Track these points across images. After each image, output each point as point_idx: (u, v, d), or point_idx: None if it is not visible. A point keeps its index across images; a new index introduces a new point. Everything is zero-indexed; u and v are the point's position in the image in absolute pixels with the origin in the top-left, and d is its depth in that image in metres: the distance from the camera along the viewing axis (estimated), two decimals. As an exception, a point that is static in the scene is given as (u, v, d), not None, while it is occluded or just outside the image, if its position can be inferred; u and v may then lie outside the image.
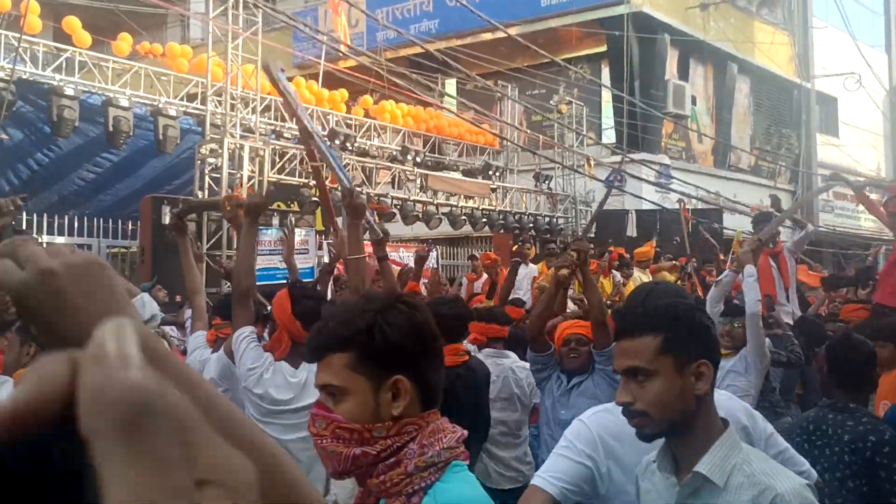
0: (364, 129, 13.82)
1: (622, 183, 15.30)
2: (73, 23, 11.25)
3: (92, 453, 0.25)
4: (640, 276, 9.75)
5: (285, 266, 5.85)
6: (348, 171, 12.48)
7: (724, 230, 15.53)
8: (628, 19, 17.40)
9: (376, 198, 11.90)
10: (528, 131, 16.77)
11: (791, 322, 6.11)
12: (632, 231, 14.47)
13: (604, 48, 18.72)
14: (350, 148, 12.64)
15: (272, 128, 12.06)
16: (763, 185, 22.02)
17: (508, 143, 16.27)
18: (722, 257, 13.17)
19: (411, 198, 13.02)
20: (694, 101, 19.54)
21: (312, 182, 11.52)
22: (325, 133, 12.42)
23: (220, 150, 10.13)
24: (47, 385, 0.27)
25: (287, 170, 11.36)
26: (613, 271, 8.86)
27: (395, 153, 13.84)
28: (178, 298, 7.80)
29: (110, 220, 11.15)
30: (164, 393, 0.27)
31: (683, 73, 19.53)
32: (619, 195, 15.71)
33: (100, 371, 0.26)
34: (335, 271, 9.15)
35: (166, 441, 0.25)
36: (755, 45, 21.13)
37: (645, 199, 15.33)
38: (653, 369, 1.66)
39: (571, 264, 3.67)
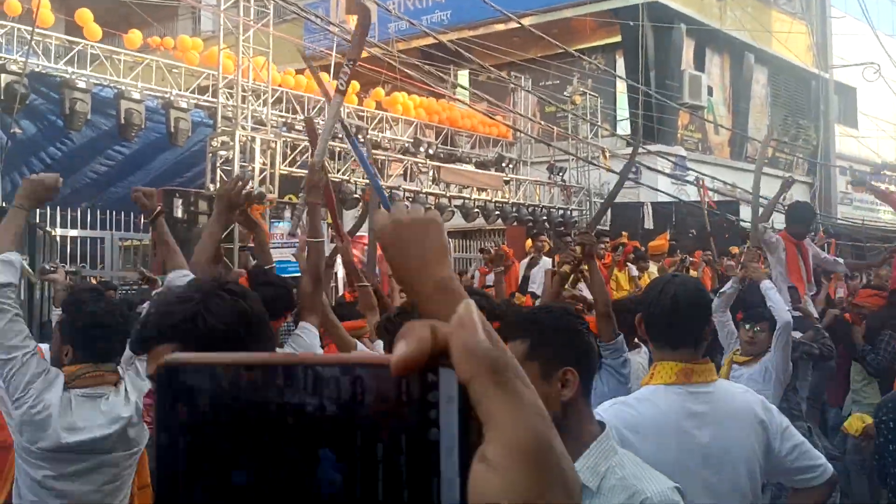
0: (376, 121, 13.73)
1: (637, 174, 15.13)
2: (85, 15, 11.23)
3: (471, 391, 0.37)
4: (655, 270, 9.63)
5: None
6: (357, 163, 12.41)
7: (741, 222, 15.33)
8: (643, 9, 17.20)
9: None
10: (542, 123, 16.62)
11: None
12: (648, 223, 14.30)
13: (618, 38, 18.51)
14: (362, 140, 12.55)
15: (283, 120, 12.00)
16: (780, 177, 21.72)
17: (522, 135, 16.14)
18: (736, 251, 13.01)
19: (423, 190, 12.93)
20: (710, 92, 19.31)
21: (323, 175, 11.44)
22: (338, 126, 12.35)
23: (231, 143, 10.08)
24: (422, 342, 0.38)
25: (298, 162, 11.29)
26: (629, 264, 8.73)
27: (407, 145, 13.75)
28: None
29: (122, 213, 11.13)
30: (505, 351, 0.40)
31: (700, 64, 19.29)
32: (635, 187, 15.53)
33: (468, 335, 0.38)
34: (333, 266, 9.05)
35: (521, 382, 0.38)
36: (772, 35, 20.83)
37: (661, 192, 15.15)
38: None
39: (573, 259, 3.61)
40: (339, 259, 4.66)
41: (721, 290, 4.94)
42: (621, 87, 18.29)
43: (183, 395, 0.38)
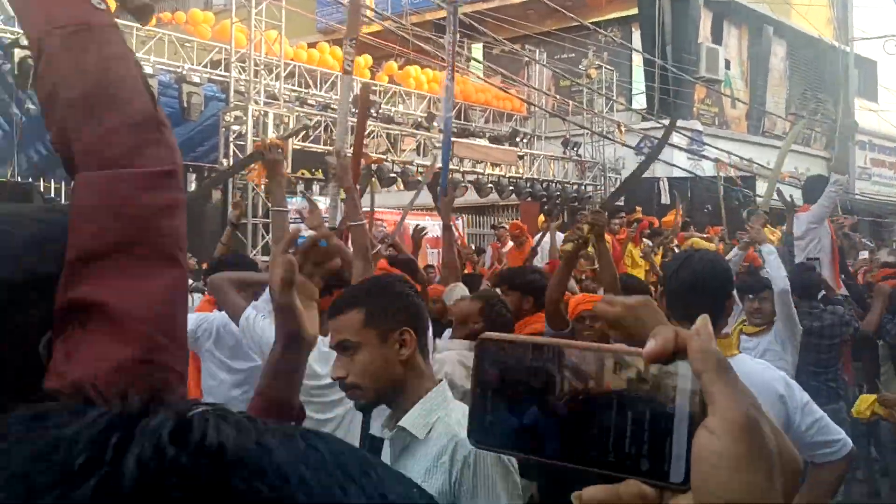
0: (389, 96, 13.63)
1: (652, 149, 14.97)
2: (96, -11, 11.18)
3: (702, 380, 0.48)
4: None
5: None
6: (373, 137, 12.35)
7: (758, 197, 15.18)
8: (661, -20, 16.92)
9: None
10: (557, 97, 16.46)
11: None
12: (665, 199, 14.18)
13: (635, 11, 18.23)
14: (375, 115, 12.48)
15: (296, 94, 11.93)
16: (798, 152, 21.47)
17: (536, 109, 16.00)
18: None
19: (437, 165, 12.85)
20: (728, 66, 19.02)
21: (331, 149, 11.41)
22: (350, 100, 12.27)
23: (244, 118, 10.05)
24: (668, 342, 0.50)
25: (311, 137, 11.26)
26: (644, 240, 8.67)
27: (420, 120, 13.65)
28: (204, 266, 7.79)
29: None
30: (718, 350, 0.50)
31: (717, 37, 18.99)
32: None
33: (704, 341, 0.49)
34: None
35: (735, 376, 0.48)
36: (792, 7, 20.44)
37: (676, 167, 15.00)
38: (357, 342, 1.78)
39: (578, 238, 3.55)
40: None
41: (727, 258, 4.90)
42: (637, 60, 18.04)
43: (493, 363, 0.55)
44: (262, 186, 9.79)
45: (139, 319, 0.78)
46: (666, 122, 15.91)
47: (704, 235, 10.15)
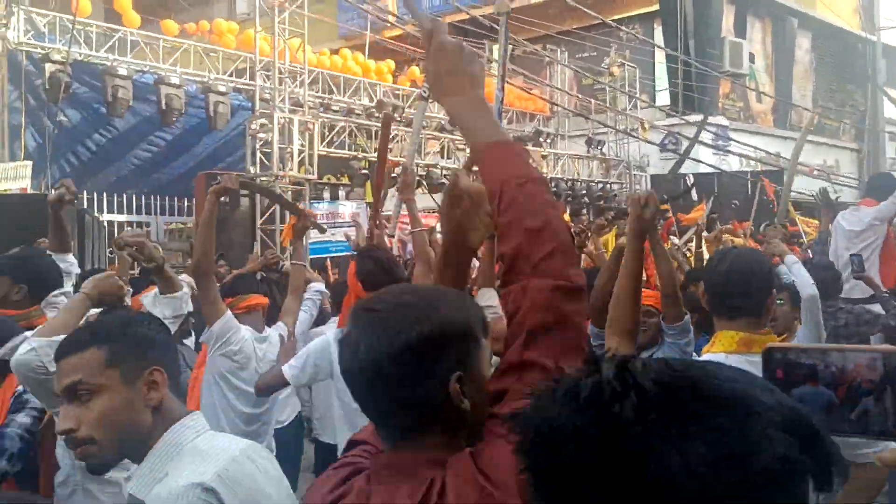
0: (412, 99, 13.70)
1: (678, 146, 14.89)
2: (123, 3, 11.38)
3: None
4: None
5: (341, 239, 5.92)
6: (396, 142, 12.43)
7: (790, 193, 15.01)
8: (682, -25, 16.81)
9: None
10: (579, 96, 16.43)
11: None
12: (694, 195, 14.08)
13: (656, 7, 18.14)
14: (398, 119, 12.56)
15: (320, 101, 12.05)
16: (827, 144, 21.19)
17: (559, 109, 15.97)
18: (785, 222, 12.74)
19: (440, 165, 12.90)
20: (752, 59, 18.84)
21: (361, 155, 11.51)
22: (373, 105, 12.37)
23: (269, 125, 10.17)
24: None
25: (336, 143, 11.36)
26: (671, 237, 8.62)
27: (443, 123, 13.71)
28: (233, 272, 7.90)
29: (167, 198, 11.34)
30: None
31: (740, 30, 18.82)
32: (675, 158, 15.29)
33: None
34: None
35: None
36: (816, -2, 20.22)
37: (702, 163, 14.90)
38: (96, 384, 1.48)
39: (581, 232, 3.44)
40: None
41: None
42: (660, 56, 17.94)
43: (783, 365, 0.77)
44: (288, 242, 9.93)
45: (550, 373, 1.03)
46: (690, 118, 15.81)
47: (725, 226, 10.05)
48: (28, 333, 2.53)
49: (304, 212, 4.91)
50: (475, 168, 1.42)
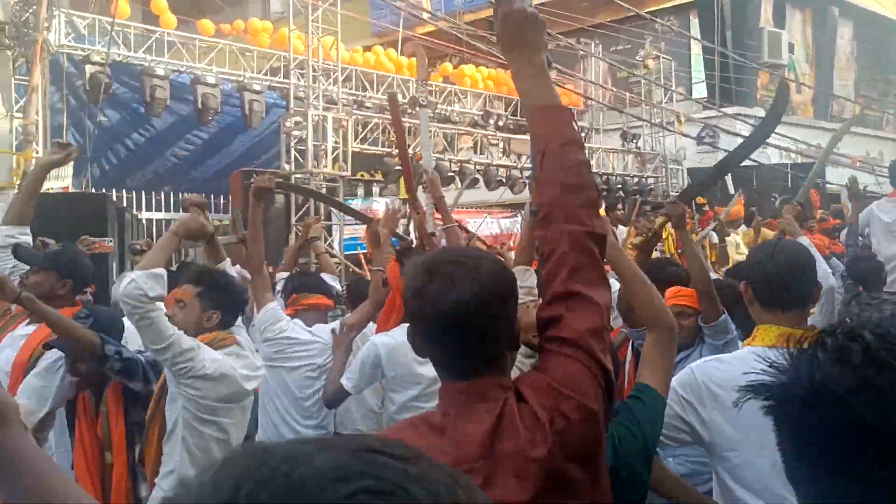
0: (444, 95, 13.70)
1: (715, 138, 14.65)
2: (160, 4, 11.56)
3: None
4: (735, 238, 9.35)
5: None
6: (430, 137, 12.44)
7: (827, 184, 14.69)
8: (719, -35, 16.54)
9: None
10: (614, 89, 16.26)
11: None
12: (730, 189, 13.85)
13: (692, -3, 17.89)
14: (431, 115, 12.57)
15: (354, 98, 12.11)
16: (869, 136, 20.67)
17: (593, 103, 15.83)
18: (822, 213, 12.47)
19: (494, 162, 12.87)
20: (791, 49, 18.47)
21: (395, 151, 11.54)
22: (407, 101, 12.39)
23: (304, 123, 10.25)
24: None
25: (370, 139, 11.41)
26: (711, 231, 8.50)
27: (476, 118, 13.69)
28: (270, 269, 7.98)
29: (203, 196, 11.49)
30: None
31: (779, 20, 18.45)
32: (713, 152, 15.06)
33: None
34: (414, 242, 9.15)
35: None
36: (859, -15, 19.74)
37: (739, 155, 14.62)
38: None
39: (648, 231, 3.34)
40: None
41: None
42: (696, 48, 17.68)
43: None
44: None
45: (600, 303, 1.42)
46: (727, 110, 15.54)
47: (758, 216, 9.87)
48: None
49: (372, 218, 5.07)
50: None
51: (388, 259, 3.71)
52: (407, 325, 1.51)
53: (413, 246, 4.02)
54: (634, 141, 15.27)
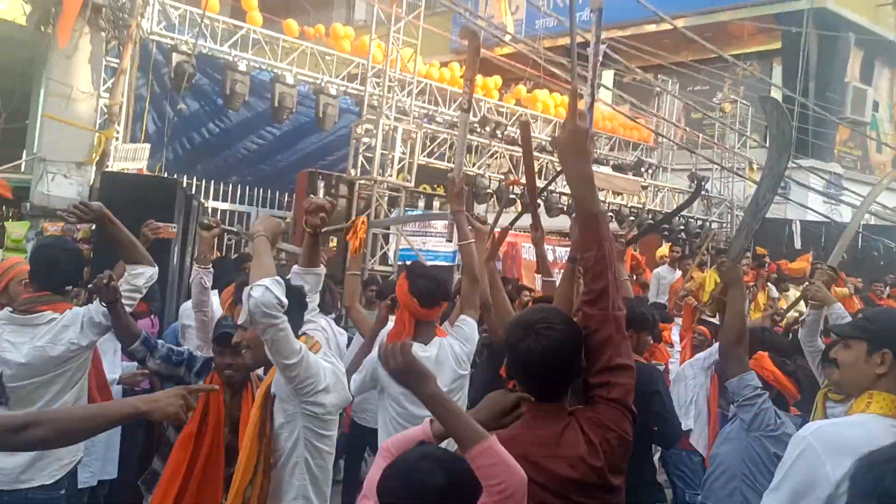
0: (515, 118, 13.71)
1: (786, 189, 14.29)
2: (249, 2, 11.88)
3: None
4: (795, 293, 9.09)
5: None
6: (496, 157, 12.45)
7: None
8: (809, 15, 16.19)
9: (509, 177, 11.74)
10: (687, 129, 16.03)
11: None
12: (797, 243, 13.49)
13: (777, 45, 17.55)
14: (500, 136, 12.58)
15: (425, 112, 12.21)
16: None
17: (664, 140, 15.64)
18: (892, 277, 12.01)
19: (557, 189, 12.80)
20: (876, 107, 17.94)
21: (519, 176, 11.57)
22: (477, 120, 12.45)
23: (374, 131, 10.37)
24: None
25: (437, 154, 11.48)
26: (769, 285, 8.29)
27: (544, 143, 13.65)
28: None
29: (268, 191, 11.72)
30: None
31: (867, 76, 17.97)
32: (782, 202, 14.69)
33: None
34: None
35: None
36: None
37: (810, 209, 14.25)
38: None
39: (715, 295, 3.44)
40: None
41: (801, 319, 4.53)
42: (776, 96, 17.31)
43: None
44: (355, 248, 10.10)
45: (632, 366, 2.05)
46: (802, 161, 15.16)
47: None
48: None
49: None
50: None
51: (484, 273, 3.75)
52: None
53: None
54: (702, 183, 15.00)
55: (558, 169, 13.09)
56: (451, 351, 3.55)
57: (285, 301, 2.50)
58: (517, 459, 1.72)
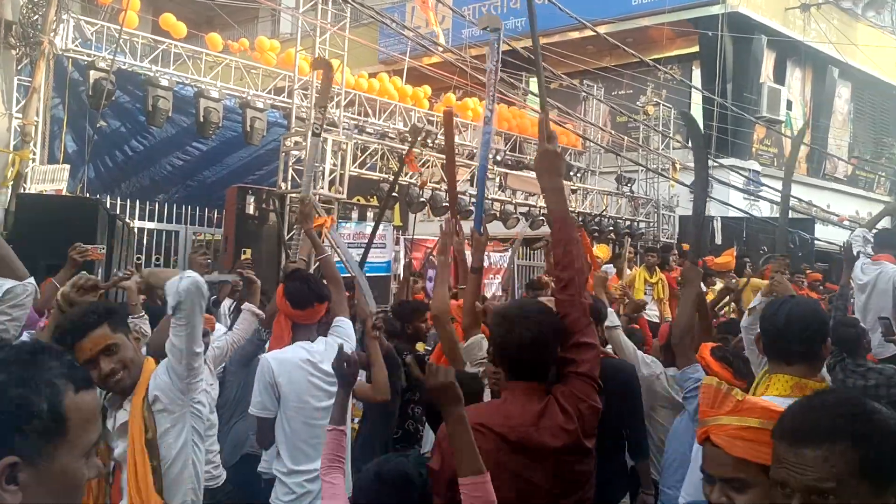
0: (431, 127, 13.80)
1: (709, 188, 14.76)
2: (169, 19, 11.66)
3: None
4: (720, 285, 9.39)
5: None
6: (427, 166, 12.50)
7: (816, 241, 14.82)
8: (723, 19, 16.83)
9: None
10: (613, 132, 16.43)
11: None
12: (717, 238, 13.97)
13: (695, 49, 18.17)
14: (430, 144, 12.64)
15: (355, 123, 12.18)
16: (859, 196, 20.93)
17: (591, 144, 15.98)
18: (810, 269, 12.56)
19: (489, 196, 12.93)
20: (790, 106, 18.74)
21: (392, 178, 11.59)
22: (408, 129, 12.48)
23: (304, 143, 10.29)
24: None
25: (368, 164, 11.45)
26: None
27: (475, 151, 13.76)
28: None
29: (196, 208, 11.49)
30: None
31: (780, 77, 18.76)
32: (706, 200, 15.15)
33: None
34: (411, 266, 9.17)
35: None
36: (858, 49, 20.08)
37: (732, 206, 14.77)
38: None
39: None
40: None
41: (751, 307, 4.75)
42: (696, 98, 17.91)
43: None
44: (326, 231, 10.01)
45: (597, 344, 2.40)
46: (723, 160, 15.70)
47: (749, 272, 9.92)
48: None
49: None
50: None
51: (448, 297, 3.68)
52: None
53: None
54: (629, 185, 15.39)
55: (489, 176, 13.24)
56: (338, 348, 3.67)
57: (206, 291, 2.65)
58: (507, 431, 2.18)
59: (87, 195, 9.88)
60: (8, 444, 1.07)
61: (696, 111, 18.19)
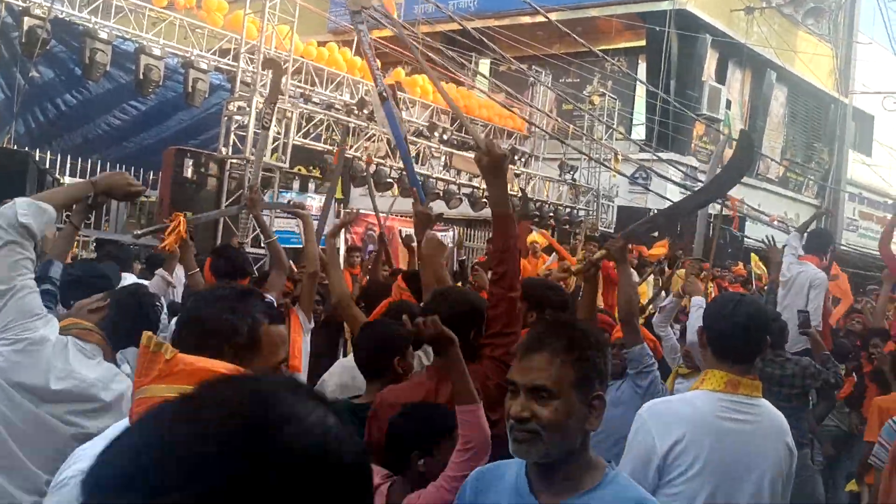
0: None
1: (647, 180, 15.12)
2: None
3: None
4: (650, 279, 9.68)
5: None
6: (373, 140, 12.42)
7: (745, 238, 15.35)
8: (671, 16, 17.14)
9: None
10: (558, 119, 16.61)
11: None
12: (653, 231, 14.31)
13: (643, 42, 18.47)
14: (376, 119, 12.55)
15: (301, 91, 11.98)
16: (789, 198, 21.73)
17: (536, 130, 16.13)
18: (740, 266, 13.02)
19: (434, 175, 12.94)
20: (728, 106, 19.26)
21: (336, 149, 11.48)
22: (355, 102, 12.36)
23: (247, 109, 10.09)
24: None
25: (312, 134, 11.31)
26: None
27: (421, 128, 13.74)
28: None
29: (132, 168, 11.14)
30: None
31: (721, 76, 19.25)
32: (643, 193, 15.54)
33: None
34: (348, 241, 9.14)
35: None
36: (796, 55, 20.76)
37: (669, 200, 15.14)
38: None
39: (590, 267, 3.48)
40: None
41: (662, 305, 4.99)
42: (640, 91, 18.25)
43: None
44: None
45: (518, 333, 2.59)
46: (663, 154, 16.06)
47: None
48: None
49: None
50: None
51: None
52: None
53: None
54: (571, 173, 15.62)
55: (434, 155, 13.26)
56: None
57: (23, 220, 2.17)
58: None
59: (16, 148, 9.47)
60: (218, 351, 1.50)
61: (640, 104, 18.57)
